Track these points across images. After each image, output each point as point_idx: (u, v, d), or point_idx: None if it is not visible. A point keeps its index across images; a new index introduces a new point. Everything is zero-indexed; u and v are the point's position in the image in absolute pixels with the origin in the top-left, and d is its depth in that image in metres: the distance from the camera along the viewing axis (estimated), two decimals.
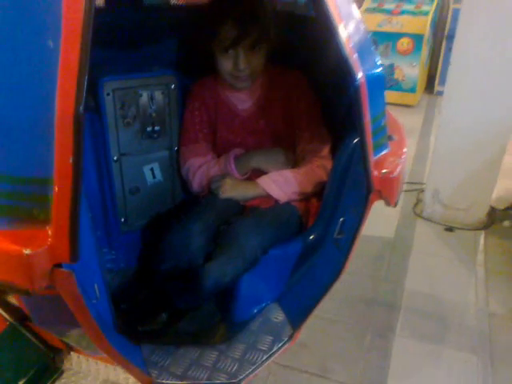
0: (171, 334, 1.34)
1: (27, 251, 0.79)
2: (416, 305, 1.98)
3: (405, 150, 1.20)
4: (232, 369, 1.21)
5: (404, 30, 4.37)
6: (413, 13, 4.49)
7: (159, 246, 1.30)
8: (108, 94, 1.37)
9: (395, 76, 4.52)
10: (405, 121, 1.55)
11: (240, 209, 1.44)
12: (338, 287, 1.28)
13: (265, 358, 1.24)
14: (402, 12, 4.51)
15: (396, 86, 4.52)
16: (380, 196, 1.11)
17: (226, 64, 1.38)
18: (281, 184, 1.40)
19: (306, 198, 1.44)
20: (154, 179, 1.55)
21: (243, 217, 1.38)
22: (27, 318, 1.36)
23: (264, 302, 1.39)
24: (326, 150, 1.44)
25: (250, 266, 1.26)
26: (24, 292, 0.84)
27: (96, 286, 0.98)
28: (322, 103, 1.49)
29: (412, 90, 4.53)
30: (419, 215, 2.65)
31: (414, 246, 2.41)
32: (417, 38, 4.35)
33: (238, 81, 1.43)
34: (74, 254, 0.82)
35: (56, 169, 0.78)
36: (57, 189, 0.79)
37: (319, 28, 1.10)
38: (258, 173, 1.46)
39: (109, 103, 1.38)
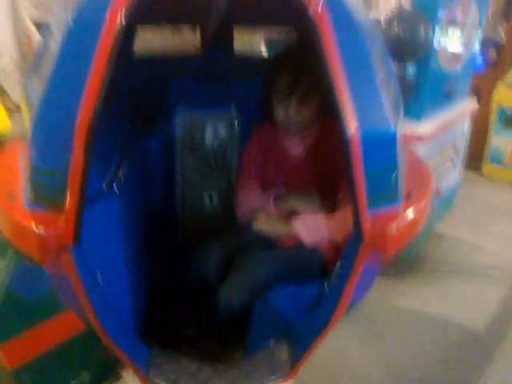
0: (187, 349, 1.48)
1: (41, 232, 1.01)
2: None
3: (417, 212, 1.19)
4: None
5: None
6: None
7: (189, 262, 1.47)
8: (179, 123, 1.60)
9: None
10: None
11: (269, 245, 1.54)
12: None
13: None
14: None
15: None
16: (373, 249, 1.12)
17: (279, 111, 1.52)
18: (311, 227, 1.47)
19: (336, 243, 1.48)
20: (212, 205, 1.74)
21: (262, 249, 1.48)
22: None
23: (275, 337, 1.45)
24: None
25: (259, 294, 1.34)
26: (37, 264, 1.07)
27: (98, 273, 1.16)
28: None
29: None
30: None
31: None
32: None
33: (289, 128, 1.55)
34: (75, 240, 1.01)
35: (71, 166, 0.99)
36: (69, 183, 1.00)
37: None
38: (295, 213, 1.54)
39: (179, 131, 1.61)
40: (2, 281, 1.78)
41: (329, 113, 1.52)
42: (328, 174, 1.57)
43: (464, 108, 3.00)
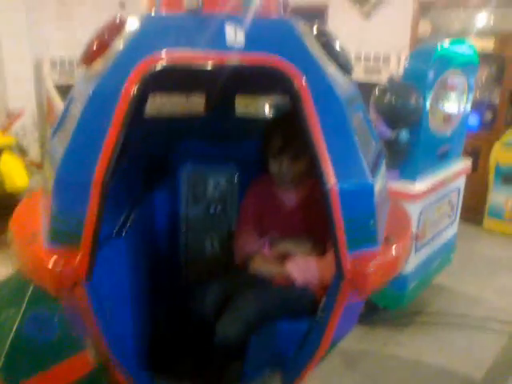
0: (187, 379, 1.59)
1: (58, 269, 1.16)
2: None
3: (395, 253, 1.33)
4: None
5: None
6: None
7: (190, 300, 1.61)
8: (183, 178, 1.79)
9: None
10: None
11: (263, 284, 1.66)
12: None
13: None
14: None
15: None
16: (353, 286, 1.24)
17: (273, 167, 1.71)
18: (302, 268, 1.61)
19: (325, 283, 1.60)
20: (213, 249, 1.90)
21: (256, 288, 1.61)
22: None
23: (270, 368, 1.55)
24: None
25: (254, 328, 1.47)
26: (53, 296, 1.21)
27: (108, 306, 1.29)
28: None
29: None
30: None
31: None
32: None
33: (282, 182, 1.74)
34: (89, 276, 1.17)
35: (87, 215, 1.16)
36: (85, 228, 1.16)
37: None
38: (288, 256, 1.68)
39: (183, 183, 1.80)
40: (13, 325, 1.92)
41: None
42: (319, 221, 1.71)
43: (458, 166, 3.14)
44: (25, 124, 5.41)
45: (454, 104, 2.91)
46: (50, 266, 1.16)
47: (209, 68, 1.21)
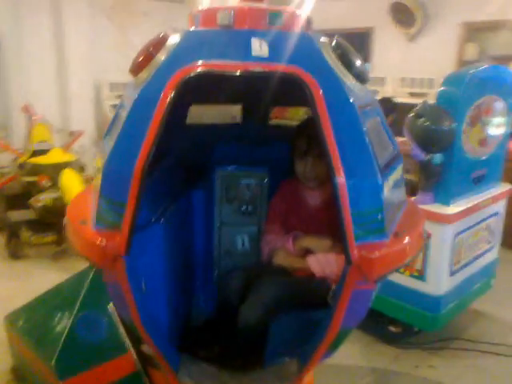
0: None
1: (103, 244, 1.37)
2: None
3: (401, 244, 1.45)
4: None
5: None
6: None
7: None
8: (218, 179, 1.99)
9: None
10: None
11: (285, 273, 1.82)
12: None
13: None
14: None
15: None
16: (360, 272, 1.36)
17: (299, 167, 1.88)
18: (322, 263, 1.75)
19: None
20: (243, 247, 2.07)
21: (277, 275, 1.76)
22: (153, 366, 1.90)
23: (289, 355, 1.68)
24: None
25: (273, 313, 1.62)
26: (98, 268, 1.42)
27: (143, 282, 1.48)
28: None
29: None
30: None
31: None
32: None
33: (307, 181, 1.89)
34: (127, 251, 1.36)
35: (129, 198, 1.36)
36: (126, 211, 1.36)
37: None
38: (310, 252, 1.83)
39: (217, 185, 2.00)
40: (66, 326, 2.15)
41: None
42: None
43: (497, 191, 3.09)
44: (84, 143, 5.85)
45: (491, 128, 2.90)
46: (97, 243, 1.37)
47: (237, 74, 1.38)
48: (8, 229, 4.38)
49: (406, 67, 6.80)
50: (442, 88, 2.77)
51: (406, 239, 1.48)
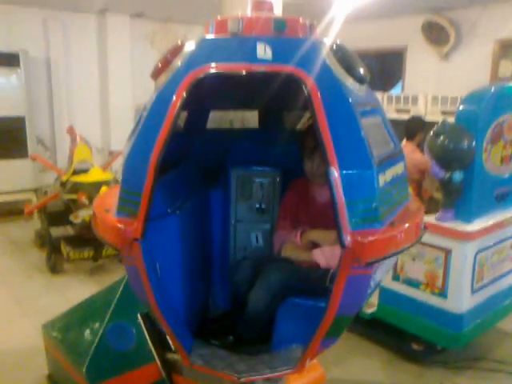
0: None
1: (122, 228, 1.52)
2: None
3: (395, 231, 1.52)
4: (241, 369, 1.66)
5: None
6: None
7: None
8: (234, 178, 2.13)
9: None
10: None
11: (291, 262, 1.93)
12: None
13: (267, 372, 1.66)
14: None
15: None
16: (354, 255, 1.45)
17: (307, 166, 2.01)
18: (327, 256, 1.84)
19: None
20: (257, 243, 2.19)
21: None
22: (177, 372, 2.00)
23: (295, 341, 1.76)
24: None
25: (276, 298, 1.73)
26: (117, 250, 1.57)
27: (158, 265, 1.62)
28: None
29: None
30: None
31: None
32: None
33: (315, 178, 2.00)
34: (142, 235, 1.51)
35: (144, 188, 1.51)
36: (142, 200, 1.52)
37: None
38: (316, 245, 1.93)
39: (233, 183, 2.14)
40: (98, 334, 2.31)
41: None
42: None
43: None
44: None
45: None
46: (117, 226, 1.53)
47: (243, 73, 1.53)
48: (49, 244, 4.61)
49: (440, 86, 6.80)
50: (462, 106, 2.78)
51: (400, 226, 1.56)
